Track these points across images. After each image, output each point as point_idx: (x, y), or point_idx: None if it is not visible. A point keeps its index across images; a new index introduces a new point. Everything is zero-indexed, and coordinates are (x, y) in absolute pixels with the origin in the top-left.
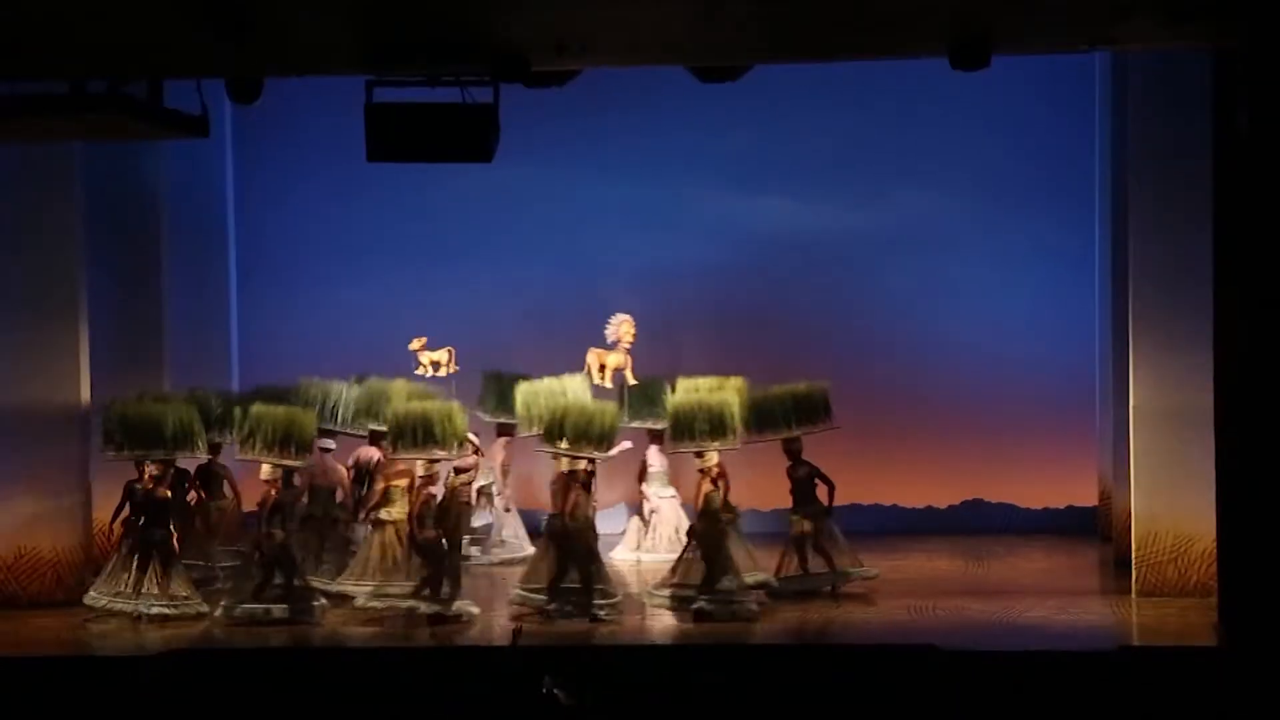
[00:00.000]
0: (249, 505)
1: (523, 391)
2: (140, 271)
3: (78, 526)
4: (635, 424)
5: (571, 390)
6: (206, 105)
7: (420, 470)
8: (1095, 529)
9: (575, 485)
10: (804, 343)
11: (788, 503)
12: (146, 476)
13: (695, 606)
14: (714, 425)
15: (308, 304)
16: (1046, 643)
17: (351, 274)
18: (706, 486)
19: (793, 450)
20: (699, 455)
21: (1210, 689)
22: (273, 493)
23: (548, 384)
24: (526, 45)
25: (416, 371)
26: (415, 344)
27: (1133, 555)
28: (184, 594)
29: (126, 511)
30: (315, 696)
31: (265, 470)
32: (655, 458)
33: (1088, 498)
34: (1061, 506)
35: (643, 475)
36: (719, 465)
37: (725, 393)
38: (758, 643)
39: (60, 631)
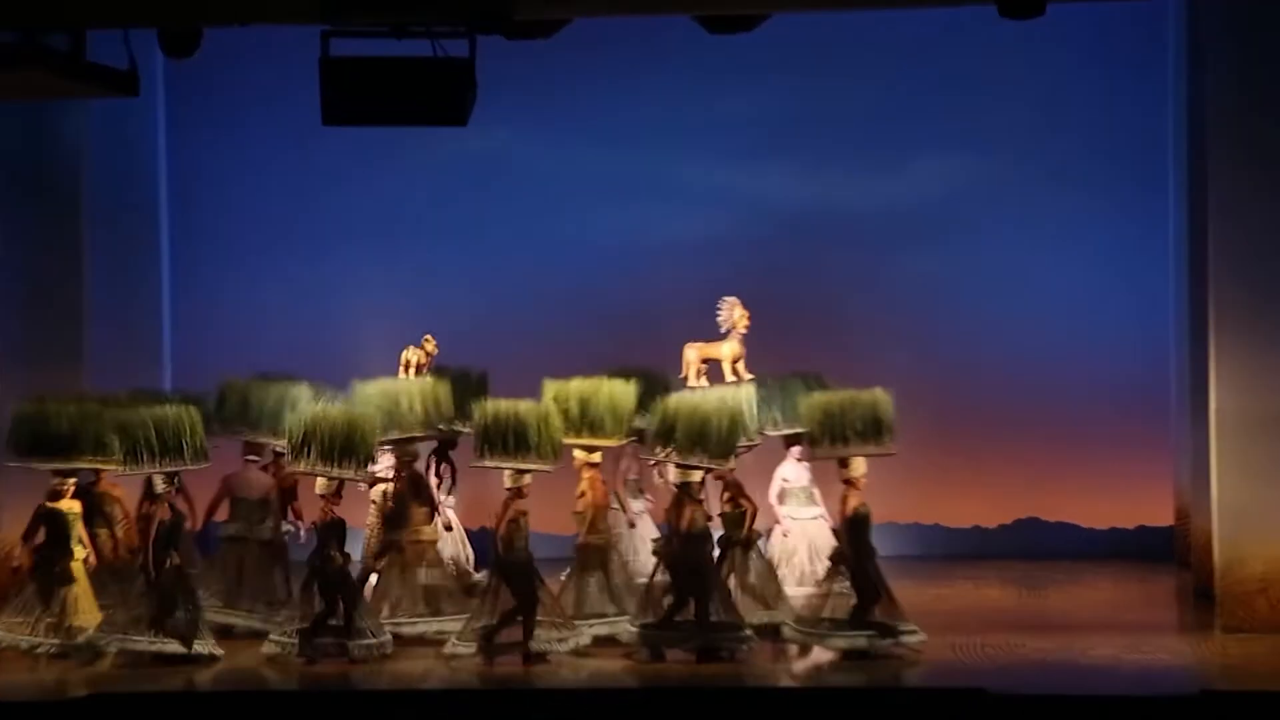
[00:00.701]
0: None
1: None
2: (57, 250)
3: None
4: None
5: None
6: (135, 59)
7: (508, 482)
8: (1171, 553)
9: (689, 501)
10: (822, 335)
11: None
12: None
13: (848, 645)
14: (867, 426)
15: (251, 289)
16: (1115, 686)
17: (302, 254)
18: (854, 500)
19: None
20: (843, 464)
21: None
22: (331, 511)
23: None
24: None
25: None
26: (430, 344)
27: (1216, 584)
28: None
29: (41, 536)
30: None
31: (320, 485)
32: (792, 469)
33: (1162, 517)
34: (1131, 527)
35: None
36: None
37: (874, 391)
38: (786, 685)
39: None
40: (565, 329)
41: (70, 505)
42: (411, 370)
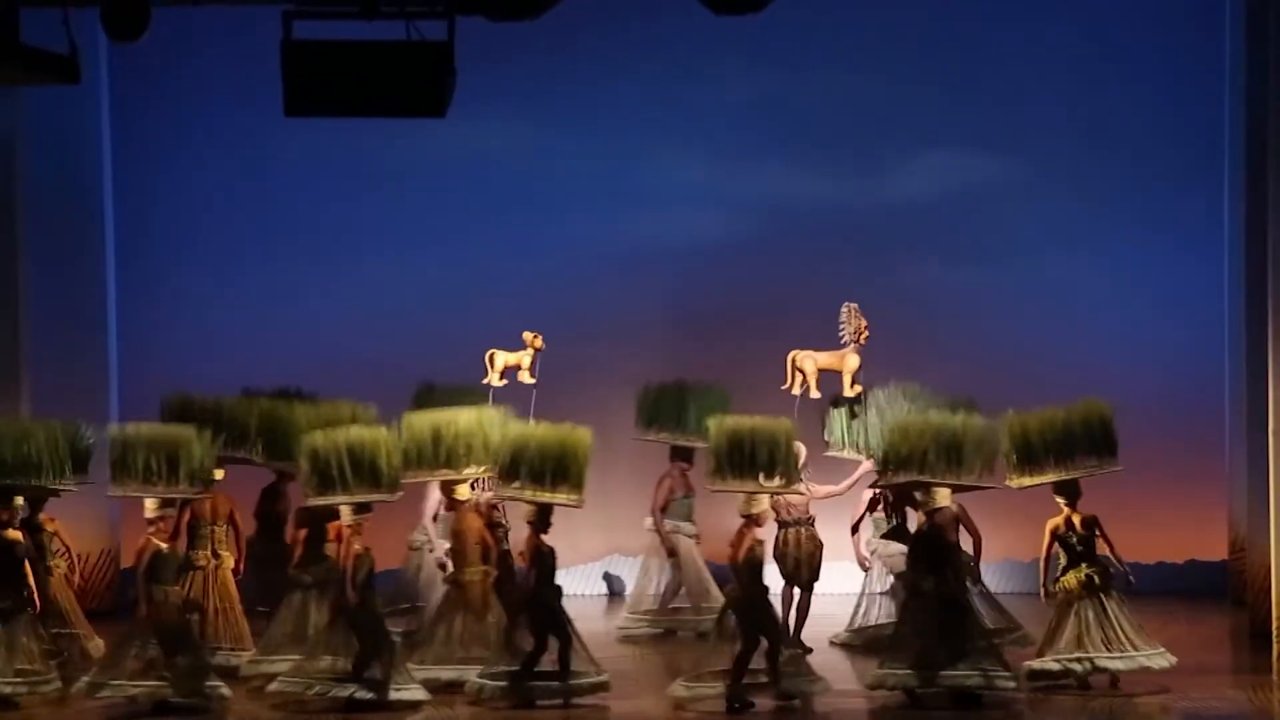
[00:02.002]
0: None
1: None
2: None
3: None
4: None
5: None
6: (76, 42)
7: (745, 508)
8: (1225, 590)
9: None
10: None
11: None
12: None
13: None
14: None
15: (207, 297)
16: None
17: (263, 259)
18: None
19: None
20: (1064, 492)
21: None
22: (540, 540)
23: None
24: None
25: (485, 381)
26: (536, 340)
27: (1275, 625)
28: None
29: None
30: None
31: (527, 511)
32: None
33: (1214, 550)
34: (1180, 562)
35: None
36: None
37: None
38: None
39: None
40: (556, 336)
41: (15, 535)
42: (525, 372)
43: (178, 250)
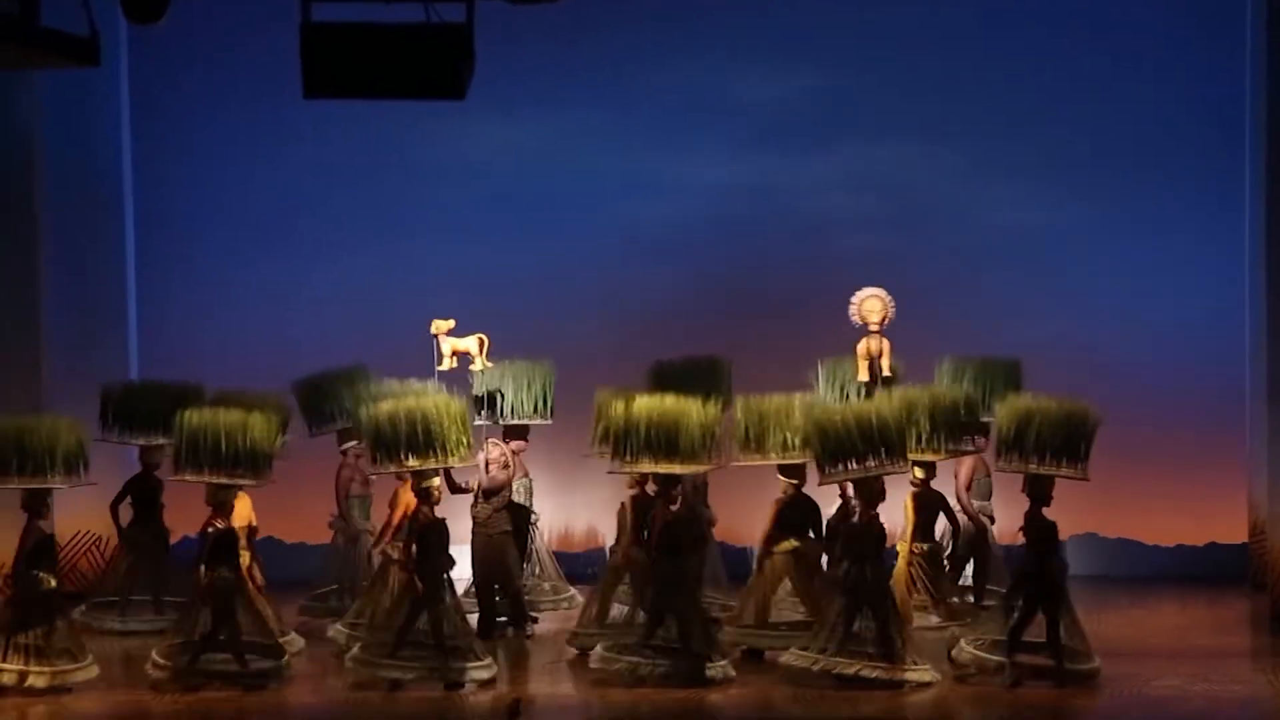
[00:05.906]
0: None
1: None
2: (8, 245)
3: None
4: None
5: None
6: (96, 25)
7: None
8: (1244, 574)
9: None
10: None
11: None
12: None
13: None
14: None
15: (227, 287)
16: None
17: (281, 244)
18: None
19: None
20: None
21: None
22: (870, 514)
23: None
24: None
25: (439, 367)
26: (440, 326)
27: None
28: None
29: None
30: None
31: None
32: None
33: (1234, 533)
34: (1200, 544)
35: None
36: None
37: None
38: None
39: None
40: (563, 326)
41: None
42: (480, 358)
43: (197, 235)
